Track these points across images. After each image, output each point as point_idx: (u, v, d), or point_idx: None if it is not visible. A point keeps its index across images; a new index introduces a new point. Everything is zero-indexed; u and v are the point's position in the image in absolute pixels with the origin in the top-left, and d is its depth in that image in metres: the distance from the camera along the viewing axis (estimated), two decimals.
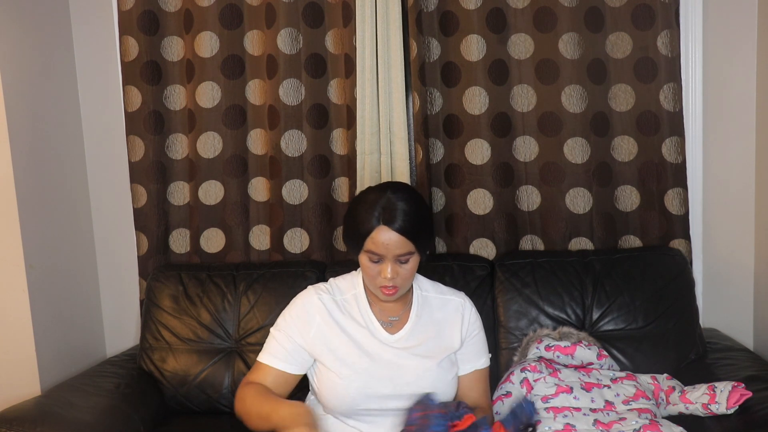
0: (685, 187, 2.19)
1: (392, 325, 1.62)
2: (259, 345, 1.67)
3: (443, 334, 1.64)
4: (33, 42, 2.23)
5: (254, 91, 2.33)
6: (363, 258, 1.55)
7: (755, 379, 1.75)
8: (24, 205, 2.12)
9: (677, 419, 1.71)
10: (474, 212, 2.26)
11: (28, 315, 2.12)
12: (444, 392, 1.58)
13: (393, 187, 1.57)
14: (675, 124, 2.17)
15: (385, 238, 1.49)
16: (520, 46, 2.20)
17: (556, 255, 2.16)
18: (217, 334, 2.15)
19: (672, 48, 2.14)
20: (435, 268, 2.06)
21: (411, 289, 1.67)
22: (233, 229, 2.39)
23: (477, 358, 1.68)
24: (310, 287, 1.67)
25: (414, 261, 1.55)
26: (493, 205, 2.25)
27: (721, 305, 2.27)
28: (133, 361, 2.22)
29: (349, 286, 1.67)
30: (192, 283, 2.21)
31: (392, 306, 1.63)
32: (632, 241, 2.24)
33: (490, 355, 1.73)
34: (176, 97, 2.39)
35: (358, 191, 2.26)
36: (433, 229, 1.64)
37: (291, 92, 2.29)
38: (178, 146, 2.41)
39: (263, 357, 1.62)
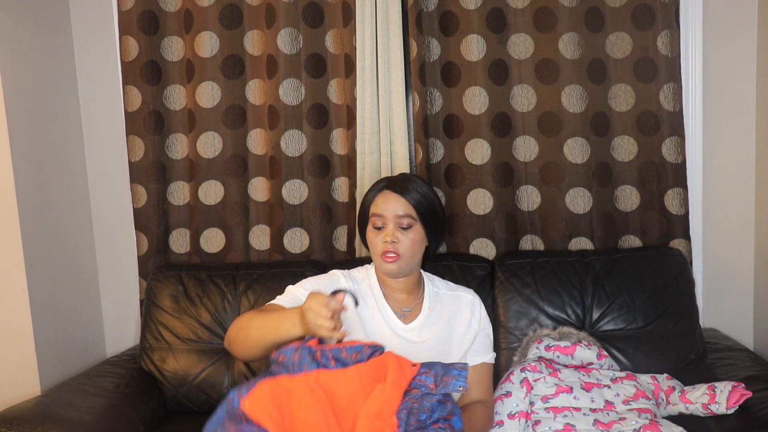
0: (685, 187, 2.19)
1: (405, 316, 1.67)
2: None
3: (454, 331, 1.67)
4: (33, 42, 2.23)
5: (254, 91, 2.33)
6: (369, 230, 1.65)
7: (755, 379, 1.76)
8: (24, 205, 2.12)
9: (677, 419, 1.71)
10: (474, 212, 2.26)
11: (28, 315, 2.12)
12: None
13: (406, 173, 1.69)
14: (675, 124, 2.17)
15: (386, 198, 1.64)
16: (520, 46, 2.20)
17: (556, 255, 2.16)
18: (217, 334, 2.15)
19: (672, 48, 2.14)
20: (435, 268, 2.06)
21: (423, 283, 1.74)
22: (233, 229, 2.39)
23: (485, 352, 1.72)
24: (335, 270, 1.71)
25: (416, 232, 1.63)
26: (493, 205, 2.25)
27: (721, 305, 2.27)
28: (133, 361, 2.22)
29: (363, 276, 1.72)
30: (192, 283, 2.21)
31: (405, 297, 1.68)
32: (632, 241, 2.24)
33: (494, 354, 1.76)
34: (176, 97, 2.39)
35: (358, 191, 2.27)
36: (440, 215, 1.70)
37: (291, 92, 2.29)
38: (178, 146, 2.41)
39: (276, 300, 1.58)
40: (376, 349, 1.28)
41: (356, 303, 1.44)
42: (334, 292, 1.35)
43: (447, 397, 1.31)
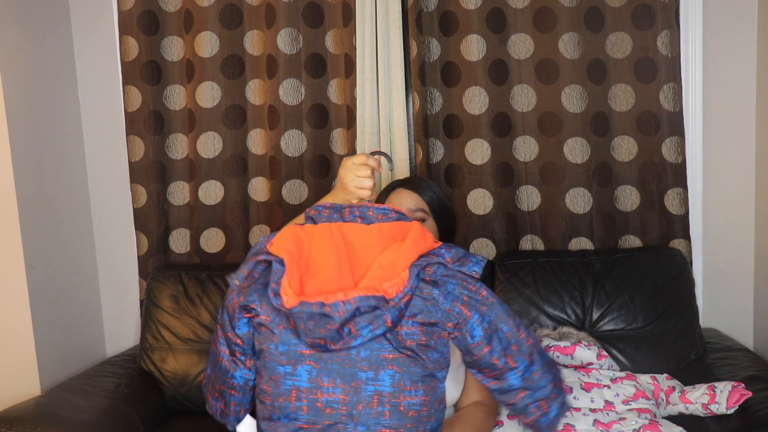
0: (685, 187, 2.19)
1: None
2: None
3: None
4: (33, 42, 2.23)
5: (254, 91, 2.33)
6: None
7: (755, 379, 1.75)
8: (24, 205, 2.12)
9: (677, 419, 1.71)
10: (474, 212, 2.26)
11: (28, 315, 2.12)
12: (450, 394, 1.58)
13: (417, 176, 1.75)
14: (675, 124, 2.17)
15: (400, 195, 1.71)
16: (520, 46, 2.20)
17: (556, 255, 2.16)
18: None
19: (672, 48, 2.14)
20: None
21: None
22: (233, 229, 2.39)
23: None
24: None
25: (429, 226, 1.68)
26: (493, 205, 2.25)
27: (721, 305, 2.27)
28: (133, 361, 2.22)
29: None
30: (192, 283, 2.21)
31: None
32: (632, 241, 2.24)
33: None
34: (176, 97, 2.39)
35: None
36: (452, 214, 1.78)
37: (291, 92, 2.29)
38: (178, 146, 2.41)
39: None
40: (403, 217, 1.29)
41: (391, 165, 1.50)
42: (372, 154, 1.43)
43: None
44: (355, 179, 1.41)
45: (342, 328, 1.14)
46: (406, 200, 1.69)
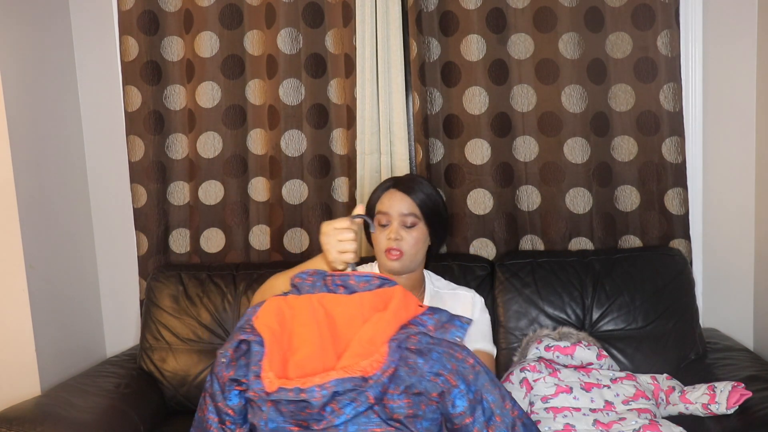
0: (685, 187, 2.19)
1: None
2: None
3: None
4: (33, 42, 2.23)
5: (254, 91, 2.33)
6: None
7: (755, 379, 1.76)
8: (24, 205, 2.12)
9: (677, 419, 1.71)
10: (474, 212, 2.26)
11: (28, 315, 2.12)
12: None
13: (412, 174, 1.74)
14: (675, 124, 2.17)
15: (392, 197, 1.70)
16: (520, 46, 2.20)
17: (556, 255, 2.16)
18: (217, 334, 2.15)
19: (672, 48, 2.14)
20: (435, 268, 2.06)
21: (424, 282, 1.77)
22: (233, 229, 2.39)
23: (482, 340, 1.73)
24: None
25: (420, 231, 1.67)
26: (493, 205, 2.25)
27: (721, 305, 2.27)
28: (133, 361, 2.22)
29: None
30: (192, 283, 2.21)
31: None
32: (632, 241, 2.24)
33: (494, 348, 1.78)
34: (176, 97, 2.39)
35: (358, 191, 2.27)
36: (444, 215, 1.78)
37: (291, 92, 2.29)
38: (178, 146, 2.41)
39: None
40: (386, 282, 1.27)
41: (373, 227, 1.53)
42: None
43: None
44: (338, 244, 1.41)
45: (324, 408, 1.13)
46: (398, 203, 1.69)
